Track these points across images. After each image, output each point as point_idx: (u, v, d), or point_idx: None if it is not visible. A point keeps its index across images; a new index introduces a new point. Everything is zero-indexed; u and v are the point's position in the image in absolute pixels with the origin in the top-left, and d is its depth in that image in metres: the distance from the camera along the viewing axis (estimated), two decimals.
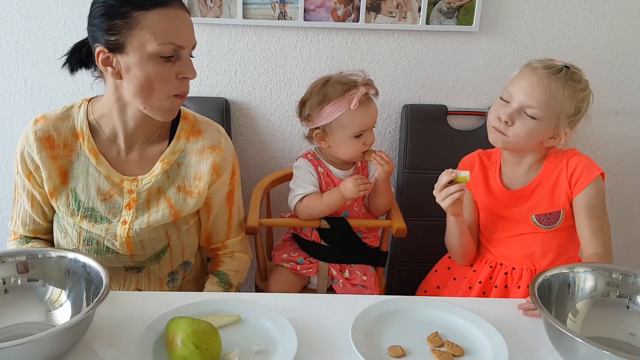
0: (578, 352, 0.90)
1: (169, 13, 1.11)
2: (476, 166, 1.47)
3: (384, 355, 0.97)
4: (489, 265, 1.46)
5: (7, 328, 1.00)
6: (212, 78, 1.81)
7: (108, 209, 1.25)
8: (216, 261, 1.40)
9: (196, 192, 1.29)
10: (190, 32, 1.17)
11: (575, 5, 1.75)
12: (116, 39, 1.11)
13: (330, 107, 1.48)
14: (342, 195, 1.48)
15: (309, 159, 1.59)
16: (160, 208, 1.26)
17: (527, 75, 1.31)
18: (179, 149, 1.28)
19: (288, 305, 1.09)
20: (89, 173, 1.25)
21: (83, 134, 1.24)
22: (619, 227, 2.01)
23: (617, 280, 1.07)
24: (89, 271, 1.02)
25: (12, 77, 1.80)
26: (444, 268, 1.58)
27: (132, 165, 1.27)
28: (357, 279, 1.58)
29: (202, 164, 1.28)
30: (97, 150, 1.25)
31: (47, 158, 1.23)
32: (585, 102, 1.33)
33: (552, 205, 1.37)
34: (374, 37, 1.77)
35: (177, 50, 1.13)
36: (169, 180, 1.27)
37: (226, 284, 1.35)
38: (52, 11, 1.73)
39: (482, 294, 1.45)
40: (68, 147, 1.24)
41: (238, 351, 0.95)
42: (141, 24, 1.10)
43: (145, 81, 1.13)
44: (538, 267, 1.40)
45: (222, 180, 1.32)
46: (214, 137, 1.31)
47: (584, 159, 1.36)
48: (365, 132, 1.50)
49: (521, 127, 1.31)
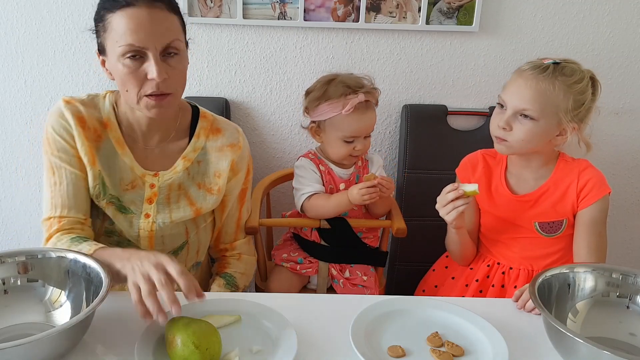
0: (578, 352, 0.90)
1: (130, 13, 1.09)
2: (480, 167, 1.46)
3: (384, 355, 0.97)
4: (486, 264, 1.46)
5: (7, 328, 1.00)
6: (212, 78, 1.81)
7: (131, 200, 1.26)
8: (223, 263, 1.41)
9: (216, 189, 1.31)
10: (157, 31, 1.11)
11: (575, 5, 1.75)
12: (100, 42, 1.17)
13: (326, 106, 1.48)
14: (348, 199, 1.48)
15: (310, 158, 1.59)
16: (181, 205, 1.28)
17: (515, 79, 1.32)
18: (199, 147, 1.30)
19: (288, 305, 1.09)
20: (115, 162, 1.25)
21: (111, 123, 1.25)
22: (618, 227, 2.01)
23: (617, 280, 1.07)
24: (89, 271, 1.02)
25: (12, 77, 1.80)
26: (441, 267, 1.58)
27: (153, 161, 1.28)
28: (357, 279, 1.58)
29: (221, 161, 1.31)
30: (123, 142, 1.26)
31: (81, 134, 1.22)
32: (587, 94, 1.31)
33: (556, 214, 1.37)
34: (374, 37, 1.77)
35: (139, 51, 1.11)
36: (189, 177, 1.29)
37: (233, 286, 1.35)
38: (52, 11, 1.73)
39: (478, 293, 1.45)
40: (97, 133, 1.24)
41: (238, 351, 0.95)
42: (110, 26, 1.11)
43: (120, 82, 1.15)
44: (536, 268, 1.41)
45: (237, 178, 1.35)
46: (233, 135, 1.33)
47: (597, 174, 1.35)
48: (357, 138, 1.49)
49: (520, 130, 1.31)
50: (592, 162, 1.89)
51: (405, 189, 1.84)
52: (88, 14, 1.73)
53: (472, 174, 1.46)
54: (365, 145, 1.52)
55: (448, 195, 1.28)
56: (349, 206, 1.50)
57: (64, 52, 1.77)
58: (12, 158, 1.89)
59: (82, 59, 1.78)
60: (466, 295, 1.46)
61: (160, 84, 1.13)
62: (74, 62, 1.78)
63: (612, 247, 2.02)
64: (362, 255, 1.61)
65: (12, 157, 1.89)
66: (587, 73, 1.32)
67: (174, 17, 1.15)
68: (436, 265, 1.61)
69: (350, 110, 1.44)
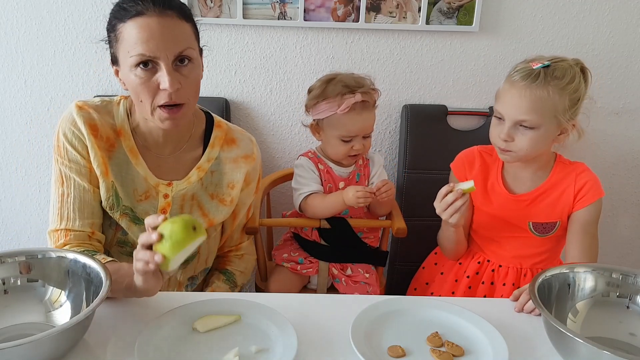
0: (578, 352, 0.90)
1: (141, 23, 1.07)
2: (477, 164, 1.46)
3: (384, 355, 0.97)
4: (476, 261, 1.48)
5: (7, 328, 1.00)
6: (212, 78, 1.81)
7: (144, 211, 1.24)
8: (225, 260, 1.41)
9: (229, 200, 1.30)
10: (169, 40, 1.09)
11: (575, 5, 1.75)
12: (113, 52, 1.14)
13: (324, 105, 1.48)
14: (343, 200, 1.48)
15: (309, 157, 1.59)
16: (194, 216, 1.26)
17: (508, 91, 1.31)
18: (213, 157, 1.28)
19: (288, 305, 1.09)
20: (128, 172, 1.23)
21: (124, 132, 1.23)
22: (618, 227, 2.01)
23: (617, 280, 1.07)
24: (89, 272, 1.02)
25: (12, 77, 1.80)
26: (431, 264, 1.60)
27: (167, 170, 1.26)
28: (359, 276, 1.58)
29: (235, 172, 1.29)
30: (137, 151, 1.23)
31: (94, 144, 1.19)
32: (581, 89, 1.31)
33: (551, 216, 1.38)
34: (374, 37, 1.77)
35: (152, 61, 1.08)
36: (202, 187, 1.27)
37: (232, 283, 1.36)
38: (52, 11, 1.73)
39: (467, 289, 1.47)
40: (110, 141, 1.21)
41: (238, 351, 0.95)
42: (122, 36, 1.09)
43: (133, 92, 1.13)
44: (524, 266, 1.43)
45: (250, 188, 1.34)
46: (248, 146, 1.32)
47: (593, 177, 1.38)
48: (354, 138, 1.49)
49: (522, 140, 1.30)
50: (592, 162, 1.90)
51: (405, 189, 1.84)
52: (88, 15, 1.73)
53: (469, 171, 1.46)
54: (365, 146, 1.52)
55: (447, 198, 1.28)
56: (343, 207, 1.50)
57: (64, 52, 1.77)
58: (12, 158, 1.90)
59: (82, 59, 1.78)
60: (456, 291, 1.48)
61: (173, 94, 1.10)
62: (74, 62, 1.78)
63: (612, 247, 2.03)
64: (362, 255, 1.61)
65: (12, 157, 1.89)
66: (576, 67, 1.30)
67: (186, 25, 1.12)
68: (426, 263, 1.62)
69: (346, 110, 1.44)
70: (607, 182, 1.95)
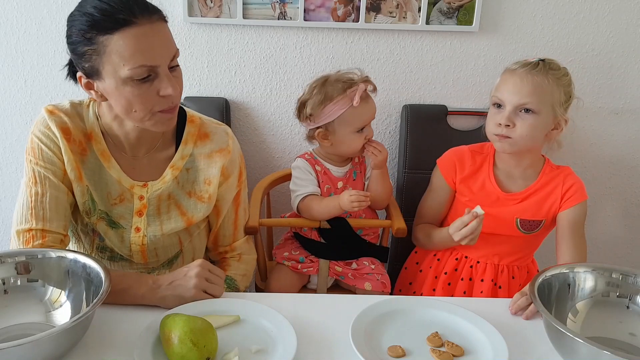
0: (578, 352, 0.90)
1: (135, 33, 1.03)
2: (467, 163, 1.48)
3: (384, 355, 0.97)
4: (454, 258, 1.50)
5: (7, 328, 1.00)
6: (212, 78, 1.81)
7: (119, 214, 1.23)
8: (223, 265, 1.39)
9: (206, 196, 1.28)
10: (165, 46, 1.08)
11: (575, 5, 1.75)
12: (90, 65, 1.08)
13: (332, 106, 1.48)
14: (339, 205, 1.48)
15: (306, 158, 1.60)
16: (172, 215, 1.26)
17: (509, 78, 1.36)
18: (187, 154, 1.26)
19: (288, 305, 1.09)
20: (101, 176, 1.22)
21: (95, 135, 1.21)
22: (619, 227, 2.01)
23: (617, 280, 1.08)
24: (88, 272, 1.02)
25: (12, 77, 1.80)
26: (412, 264, 1.63)
27: (141, 171, 1.25)
28: (365, 268, 1.58)
29: (211, 168, 1.27)
30: (109, 154, 1.22)
31: (67, 149, 1.18)
32: (572, 87, 1.38)
33: (537, 214, 1.42)
34: (374, 37, 1.77)
35: (152, 70, 1.06)
36: (178, 186, 1.26)
37: (234, 289, 1.34)
38: (52, 11, 1.73)
39: (447, 285, 1.50)
40: (82, 145, 1.20)
41: (237, 351, 0.95)
42: (108, 49, 1.04)
43: (126, 104, 1.09)
44: (501, 262, 1.47)
45: (229, 182, 1.32)
46: (222, 139, 1.29)
47: (579, 180, 1.44)
48: (365, 126, 1.53)
49: (523, 125, 1.33)
50: (592, 162, 1.90)
51: (405, 189, 1.84)
52: None
53: (459, 169, 1.48)
54: (372, 130, 1.56)
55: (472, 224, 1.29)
56: (339, 211, 1.50)
57: (64, 52, 1.75)
58: (12, 158, 1.90)
59: None
60: (437, 287, 1.51)
61: (175, 98, 1.11)
62: None
63: (613, 247, 2.03)
64: (363, 252, 1.61)
65: (12, 157, 1.89)
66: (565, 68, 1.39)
67: (167, 26, 1.11)
68: (407, 263, 1.65)
69: (359, 101, 1.46)
70: (607, 182, 1.95)
